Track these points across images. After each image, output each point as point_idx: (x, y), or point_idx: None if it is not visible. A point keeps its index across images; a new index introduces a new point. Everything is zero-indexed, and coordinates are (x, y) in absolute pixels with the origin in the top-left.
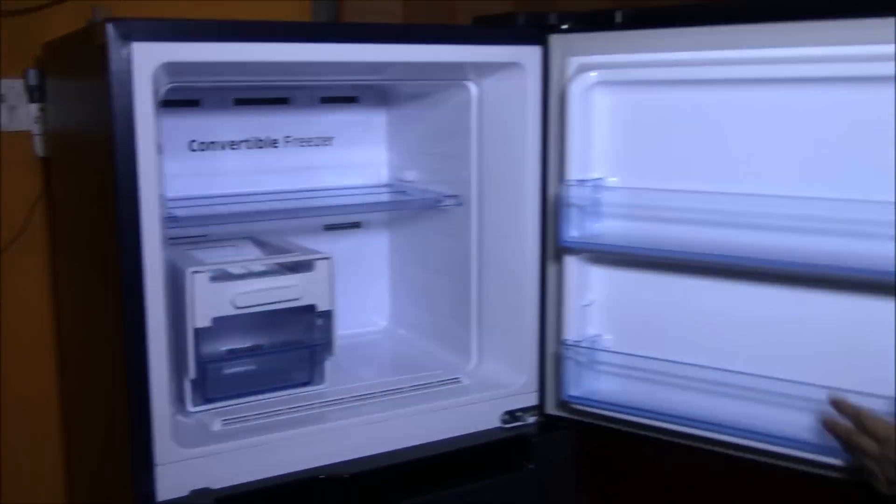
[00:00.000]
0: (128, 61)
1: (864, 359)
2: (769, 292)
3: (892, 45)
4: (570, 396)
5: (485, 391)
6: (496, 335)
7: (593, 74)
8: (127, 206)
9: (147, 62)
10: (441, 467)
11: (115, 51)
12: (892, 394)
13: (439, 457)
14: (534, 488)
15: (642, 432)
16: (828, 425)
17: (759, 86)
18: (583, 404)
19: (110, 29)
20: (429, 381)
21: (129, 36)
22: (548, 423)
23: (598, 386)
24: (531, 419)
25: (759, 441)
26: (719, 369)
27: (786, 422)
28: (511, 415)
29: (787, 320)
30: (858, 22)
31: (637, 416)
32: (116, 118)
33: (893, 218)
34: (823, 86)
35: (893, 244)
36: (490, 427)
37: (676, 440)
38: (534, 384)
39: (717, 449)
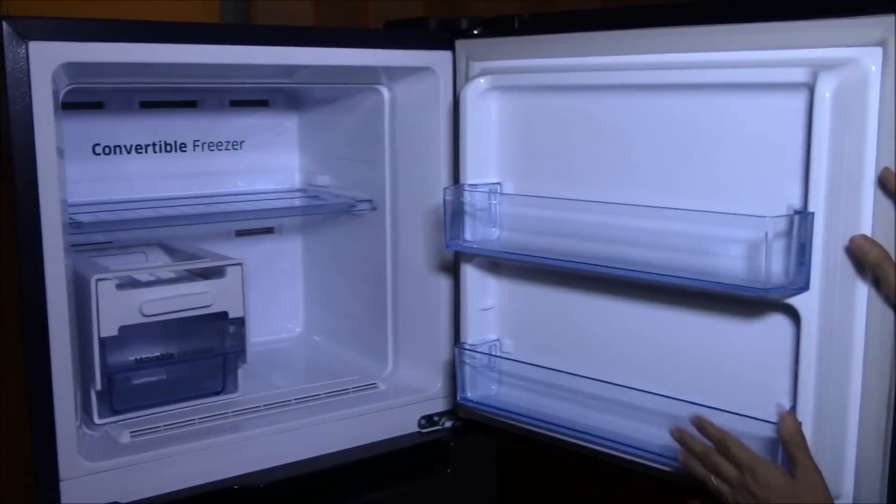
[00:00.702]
0: (25, 61)
1: (745, 381)
2: (650, 306)
3: (775, 52)
4: (465, 399)
5: (401, 396)
6: (411, 340)
7: (482, 80)
8: (26, 210)
9: (45, 62)
10: (359, 474)
11: (12, 50)
12: (771, 417)
13: (357, 463)
14: (452, 492)
15: (538, 438)
16: (684, 441)
17: (638, 92)
18: (477, 408)
19: (6, 27)
20: (345, 388)
21: (25, 35)
22: (465, 427)
23: (495, 390)
24: (448, 423)
25: (630, 454)
26: (602, 381)
27: (664, 437)
28: (428, 419)
29: (666, 336)
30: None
31: (523, 422)
32: (14, 120)
33: (760, 235)
34: (700, 92)
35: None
36: (408, 432)
37: (568, 449)
38: (450, 388)
39: (598, 457)
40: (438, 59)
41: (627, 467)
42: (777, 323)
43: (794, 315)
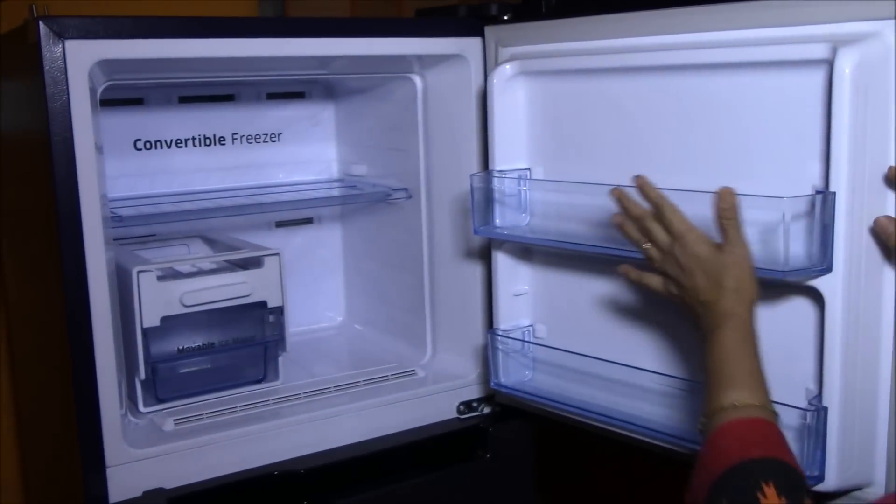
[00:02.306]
0: (62, 59)
1: (770, 365)
2: None
3: (795, 28)
4: (499, 385)
5: (440, 382)
6: (449, 327)
7: (509, 66)
8: (67, 206)
9: (81, 60)
10: (398, 459)
11: (49, 49)
12: (797, 402)
13: (396, 449)
14: (491, 477)
15: (571, 423)
16: (621, 201)
17: (660, 73)
18: (511, 394)
19: (42, 27)
20: (384, 375)
21: (61, 34)
22: (503, 413)
23: (528, 376)
24: (486, 409)
25: (661, 440)
26: (630, 367)
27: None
28: (467, 405)
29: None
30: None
31: (556, 408)
32: (52, 117)
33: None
34: (721, 72)
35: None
36: (446, 418)
37: (598, 434)
38: (487, 374)
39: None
40: (469, 46)
41: (658, 452)
42: (801, 306)
43: (817, 297)
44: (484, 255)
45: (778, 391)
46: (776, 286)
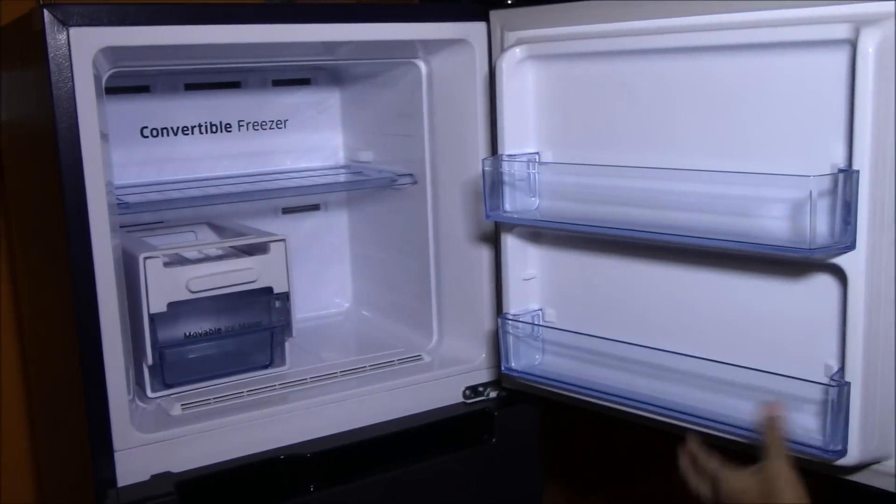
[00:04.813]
0: (66, 47)
1: (792, 343)
2: (693, 271)
3: (816, 8)
4: (509, 369)
5: (446, 367)
6: (455, 312)
7: (518, 50)
8: (73, 193)
9: (86, 47)
10: (404, 444)
11: (53, 36)
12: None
13: (401, 433)
14: (497, 460)
15: (584, 406)
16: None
17: (676, 55)
18: (522, 378)
19: (47, 15)
20: (390, 360)
21: (66, 21)
22: (509, 397)
23: (539, 360)
24: (493, 394)
25: (677, 418)
26: (648, 348)
27: (712, 402)
28: (473, 390)
29: (709, 299)
30: None
31: (569, 391)
32: (57, 105)
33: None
34: (740, 53)
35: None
36: (452, 403)
37: (612, 415)
38: (493, 359)
39: (644, 423)
40: (473, 31)
41: (673, 432)
42: (823, 283)
43: (840, 275)
44: (489, 240)
45: (798, 368)
46: (798, 264)
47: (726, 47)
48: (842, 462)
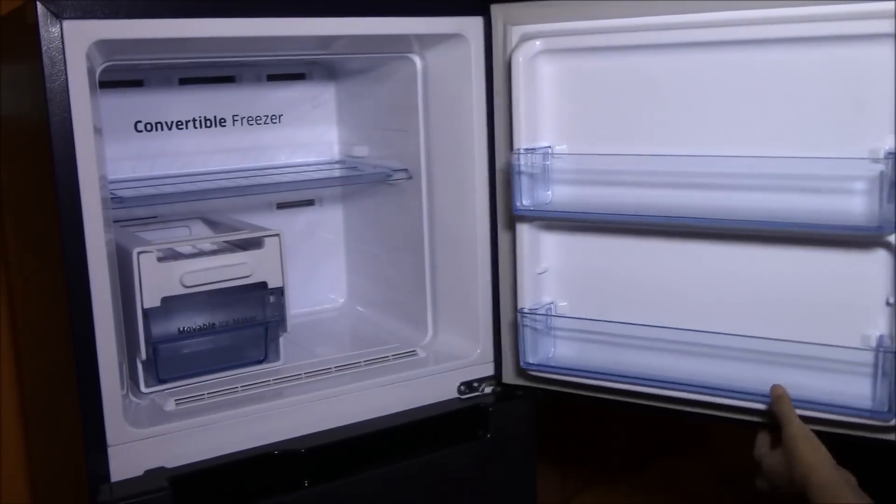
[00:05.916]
0: (59, 40)
1: (820, 314)
2: (719, 251)
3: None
4: (528, 363)
5: (441, 363)
6: (450, 307)
7: (537, 43)
8: (66, 187)
9: (79, 40)
10: (398, 439)
11: (46, 29)
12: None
13: (395, 429)
14: (492, 456)
15: (599, 395)
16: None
17: (698, 49)
18: (541, 370)
19: (40, 7)
20: (385, 355)
21: (59, 14)
22: (505, 393)
23: (555, 352)
24: (488, 389)
25: (716, 395)
26: (670, 328)
27: (741, 376)
28: (468, 385)
29: (739, 277)
30: None
31: (593, 378)
32: (51, 99)
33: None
34: (761, 48)
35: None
36: (447, 398)
37: (633, 400)
38: (489, 354)
39: (673, 406)
40: (469, 26)
41: (710, 411)
42: (865, 260)
43: (890, 250)
44: (486, 235)
45: (835, 337)
46: (842, 242)
47: (761, 41)
48: (892, 422)
